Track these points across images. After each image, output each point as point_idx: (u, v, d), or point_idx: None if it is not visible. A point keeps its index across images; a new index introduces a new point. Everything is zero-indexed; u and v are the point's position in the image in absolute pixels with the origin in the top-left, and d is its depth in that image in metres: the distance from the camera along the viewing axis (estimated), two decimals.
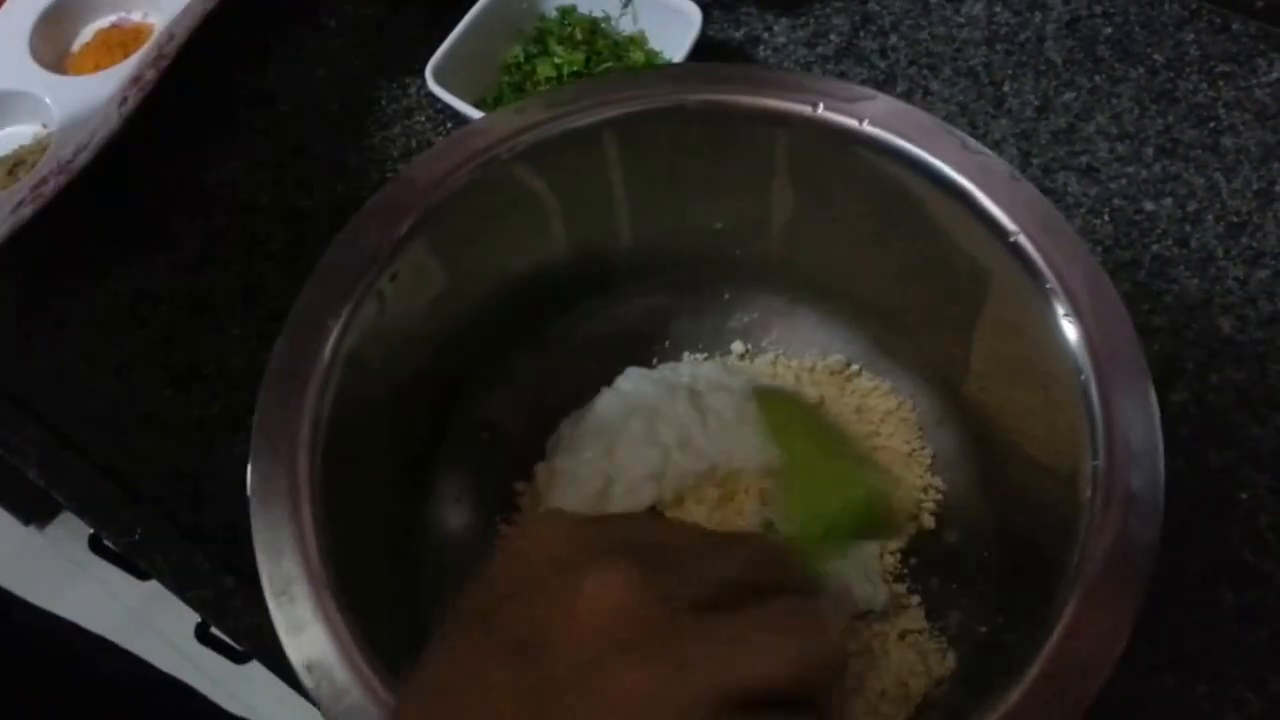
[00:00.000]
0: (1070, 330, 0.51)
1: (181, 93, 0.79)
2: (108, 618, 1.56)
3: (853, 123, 0.56)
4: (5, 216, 0.75)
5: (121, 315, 0.75)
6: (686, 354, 0.68)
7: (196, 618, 0.76)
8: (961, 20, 0.80)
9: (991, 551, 0.60)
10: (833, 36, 0.80)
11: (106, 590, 1.60)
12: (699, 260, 0.67)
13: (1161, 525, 0.47)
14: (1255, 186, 0.72)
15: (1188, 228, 0.71)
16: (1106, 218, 0.71)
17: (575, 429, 0.64)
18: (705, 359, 0.68)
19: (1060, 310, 0.52)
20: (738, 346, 0.68)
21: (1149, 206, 0.72)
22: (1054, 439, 0.53)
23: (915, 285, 0.62)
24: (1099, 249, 0.70)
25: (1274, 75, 0.75)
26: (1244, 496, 0.63)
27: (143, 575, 0.87)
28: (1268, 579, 0.61)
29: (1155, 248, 0.70)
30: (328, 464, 0.52)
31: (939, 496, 0.63)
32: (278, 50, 0.85)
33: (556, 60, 0.76)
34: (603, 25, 0.78)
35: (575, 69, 0.75)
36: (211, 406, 0.70)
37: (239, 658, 0.84)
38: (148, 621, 1.59)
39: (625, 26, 0.78)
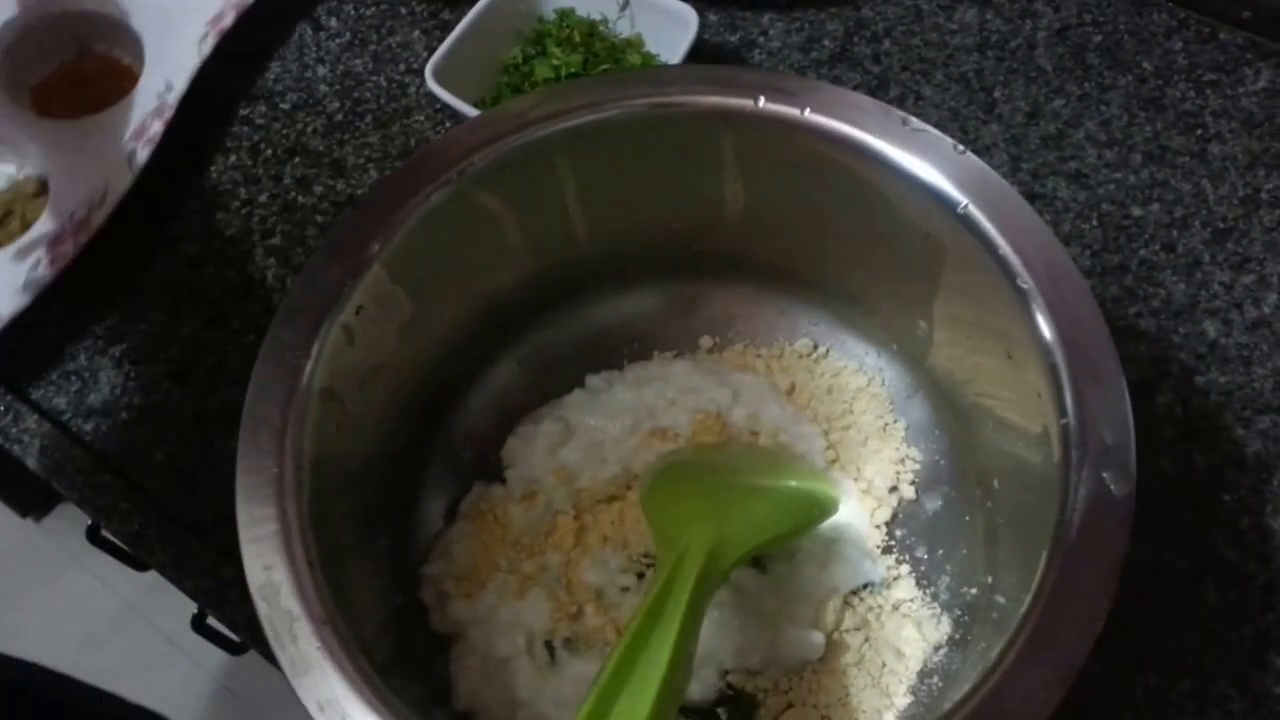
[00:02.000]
0: (1025, 295, 0.52)
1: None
2: (103, 610, 1.57)
3: (795, 112, 0.57)
4: (23, 280, 0.73)
5: (120, 308, 0.75)
6: (656, 353, 0.69)
7: (191, 611, 0.76)
8: (954, 27, 0.81)
9: (973, 515, 0.61)
10: (826, 42, 0.81)
11: (102, 583, 1.60)
12: (659, 260, 0.69)
13: (1135, 476, 0.48)
14: (1241, 193, 0.73)
15: (1175, 233, 0.72)
16: (1095, 223, 0.72)
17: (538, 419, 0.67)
18: (674, 356, 0.69)
19: (1014, 274, 0.53)
20: (705, 341, 0.69)
21: (1137, 212, 0.73)
22: (1023, 401, 0.54)
23: (873, 263, 0.63)
24: (1087, 253, 0.71)
25: (1260, 84, 0.76)
26: (1228, 498, 0.64)
27: (140, 567, 0.87)
28: (1251, 578, 0.62)
29: (1143, 252, 0.71)
30: (315, 500, 0.52)
31: (916, 467, 0.64)
32: (278, 49, 0.86)
33: (554, 62, 0.77)
34: (600, 28, 0.79)
35: (573, 71, 0.76)
36: (210, 400, 0.71)
37: (235, 649, 0.84)
38: (143, 614, 1.59)
39: (622, 29, 0.79)
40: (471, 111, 0.73)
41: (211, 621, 0.75)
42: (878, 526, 0.63)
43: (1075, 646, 0.45)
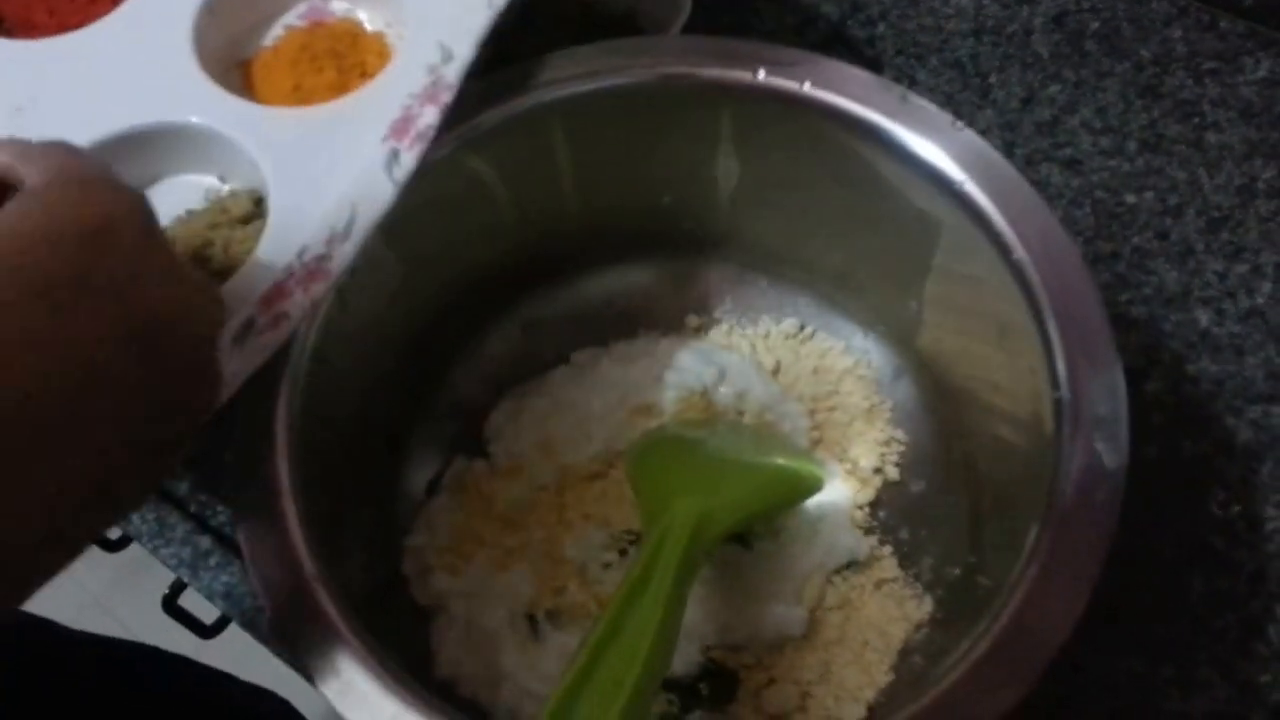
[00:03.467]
0: (1021, 270, 0.52)
1: None
2: (70, 602, 1.56)
3: (794, 86, 0.57)
4: (232, 341, 0.50)
5: None
6: (642, 330, 0.69)
7: (158, 602, 0.76)
8: (950, 11, 0.80)
9: (958, 496, 0.61)
10: (821, 24, 0.81)
11: (68, 574, 1.59)
12: (649, 237, 0.69)
13: (1128, 451, 0.48)
14: (1237, 182, 0.72)
15: (1168, 221, 0.71)
16: (1088, 209, 0.72)
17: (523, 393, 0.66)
18: (661, 334, 0.69)
19: (1009, 251, 0.53)
20: (693, 320, 0.69)
21: (1130, 199, 0.72)
22: (1013, 381, 0.54)
23: (864, 243, 0.63)
24: (1079, 240, 0.70)
25: (1260, 73, 0.76)
26: (1216, 487, 0.63)
27: (111, 547, 0.87)
28: (1238, 568, 0.61)
29: (1136, 240, 0.71)
30: (304, 464, 0.52)
31: (902, 448, 0.64)
32: None
33: (545, 39, 0.76)
34: (592, 5, 0.78)
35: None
36: None
37: (205, 632, 0.83)
38: (108, 607, 1.58)
39: (615, 8, 0.78)
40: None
41: (182, 602, 0.75)
42: (861, 507, 0.63)
43: (1064, 614, 0.45)
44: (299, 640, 0.47)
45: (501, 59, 0.77)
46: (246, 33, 0.64)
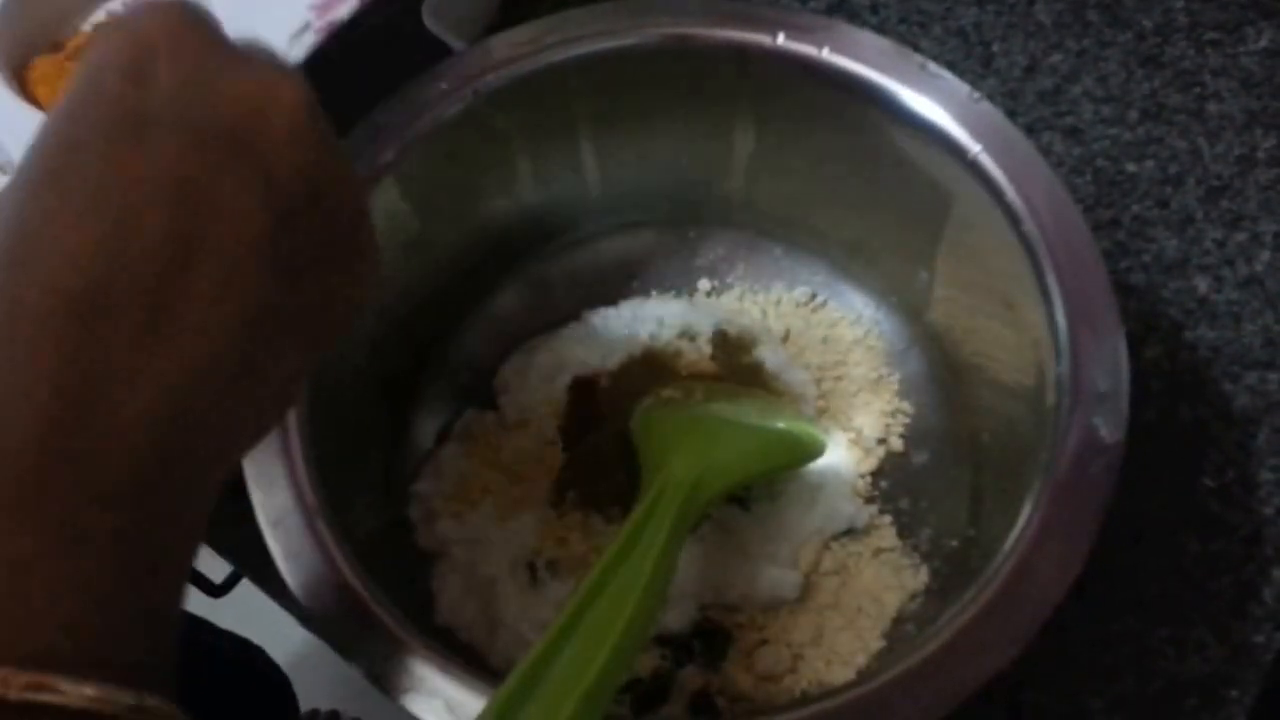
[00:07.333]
0: (1030, 242, 0.52)
1: None
2: None
3: (812, 51, 0.57)
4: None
5: None
6: (654, 292, 0.69)
7: None
8: None
9: (961, 470, 0.62)
10: None
11: None
12: (664, 198, 0.69)
13: (1127, 425, 0.48)
14: (1238, 152, 0.72)
15: (1168, 189, 0.72)
16: (1089, 177, 0.72)
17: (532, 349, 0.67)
18: (673, 297, 0.69)
19: (1019, 223, 0.53)
20: (704, 284, 0.69)
21: (1131, 168, 0.72)
22: (1020, 356, 0.54)
23: (878, 212, 0.63)
24: (1080, 207, 0.70)
25: (1262, 44, 0.76)
26: (1213, 451, 0.64)
27: None
28: (1233, 530, 0.62)
29: (1135, 208, 0.71)
30: (313, 402, 0.52)
31: (907, 420, 0.64)
32: None
33: (553, 2, 0.76)
34: None
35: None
36: None
37: (215, 591, 0.84)
38: None
39: None
40: None
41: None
42: (863, 476, 0.63)
43: (1054, 584, 0.46)
44: (294, 569, 0.48)
45: (512, 22, 0.77)
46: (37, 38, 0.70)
